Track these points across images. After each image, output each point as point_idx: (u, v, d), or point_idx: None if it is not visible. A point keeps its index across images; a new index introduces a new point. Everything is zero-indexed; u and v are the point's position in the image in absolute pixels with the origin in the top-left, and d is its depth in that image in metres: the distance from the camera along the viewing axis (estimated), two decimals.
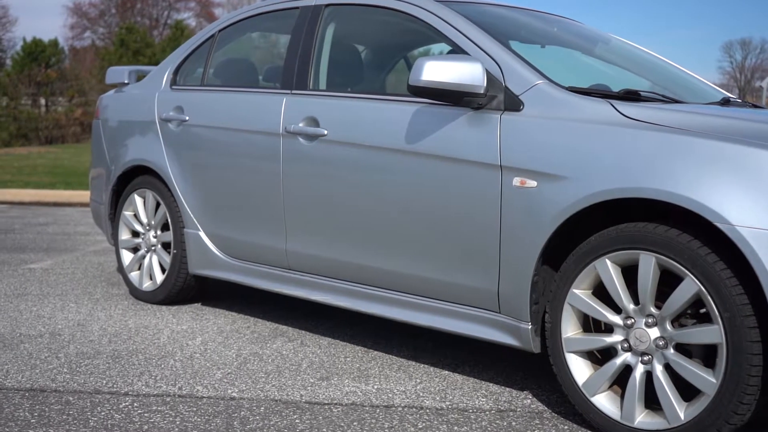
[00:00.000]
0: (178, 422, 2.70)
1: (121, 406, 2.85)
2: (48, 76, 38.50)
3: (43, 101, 38.29)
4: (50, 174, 13.77)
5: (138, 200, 4.45)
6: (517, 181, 2.82)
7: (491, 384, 3.18)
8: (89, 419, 2.71)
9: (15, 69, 38.22)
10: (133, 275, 4.51)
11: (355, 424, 2.72)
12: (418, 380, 3.20)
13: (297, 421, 2.74)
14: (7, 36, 45.36)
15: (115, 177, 4.55)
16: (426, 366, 3.40)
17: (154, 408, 2.84)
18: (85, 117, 39.32)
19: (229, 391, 3.03)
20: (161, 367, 3.30)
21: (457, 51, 3.17)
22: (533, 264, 2.78)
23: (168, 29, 51.75)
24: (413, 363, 3.43)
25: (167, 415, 2.76)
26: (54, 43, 40.23)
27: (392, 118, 3.22)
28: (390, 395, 3.02)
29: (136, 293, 4.48)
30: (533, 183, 2.77)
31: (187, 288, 4.30)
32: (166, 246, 4.37)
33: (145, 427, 2.66)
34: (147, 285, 4.41)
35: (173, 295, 4.30)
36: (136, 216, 4.50)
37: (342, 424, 2.71)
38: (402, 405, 2.92)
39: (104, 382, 3.11)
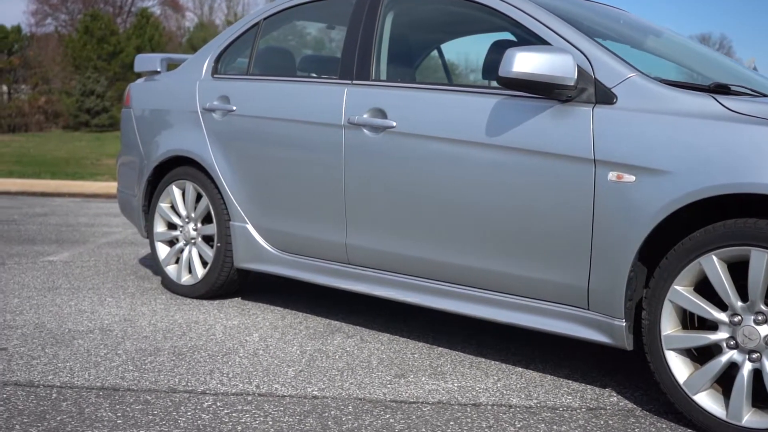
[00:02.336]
0: (270, 423, 2.62)
1: (204, 406, 2.75)
2: (11, 63, 37.69)
3: (5, 88, 37.50)
4: (18, 163, 13.47)
5: (176, 191, 4.33)
6: (612, 175, 2.77)
7: (570, 381, 3.14)
8: (177, 420, 2.62)
9: None
10: (170, 269, 4.39)
11: (451, 423, 2.66)
12: (496, 377, 3.15)
13: (391, 420, 2.67)
14: None
15: (151, 168, 4.42)
16: (497, 363, 3.34)
17: (240, 407, 2.74)
18: (48, 105, 38.64)
19: (309, 390, 2.95)
20: (229, 365, 3.20)
21: (536, 43, 3.10)
22: (630, 260, 2.73)
23: (132, 17, 50.98)
24: (483, 360, 3.38)
25: (256, 415, 2.68)
26: (17, 29, 39.36)
27: (469, 110, 3.16)
28: (474, 393, 2.96)
29: (174, 287, 4.36)
30: (631, 177, 2.73)
31: (230, 282, 4.20)
32: (206, 239, 4.25)
33: (239, 428, 2.57)
34: (186, 279, 4.30)
35: (215, 289, 4.19)
36: (173, 208, 4.38)
37: (438, 424, 2.65)
38: (490, 403, 2.86)
39: (177, 380, 3.00)
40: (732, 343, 2.58)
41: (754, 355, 2.53)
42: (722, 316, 2.59)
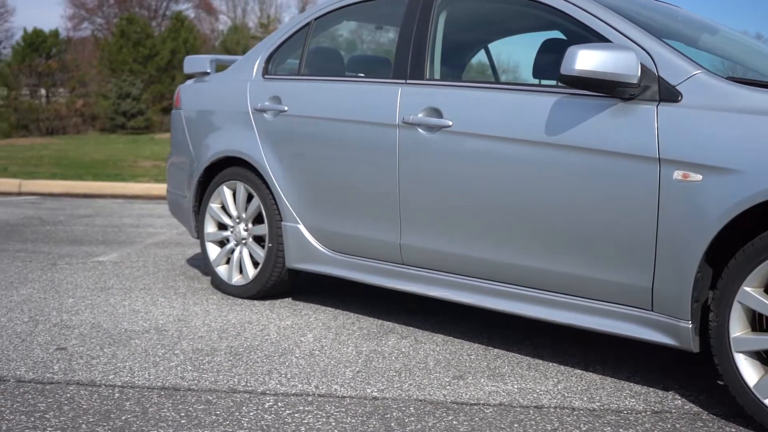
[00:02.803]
0: (333, 424, 2.60)
1: (266, 406, 2.75)
2: (49, 67, 38.16)
3: (43, 92, 37.98)
4: (57, 165, 13.55)
5: (227, 192, 4.34)
6: (678, 174, 2.73)
7: (631, 383, 3.09)
8: (240, 420, 2.62)
9: (15, 59, 37.87)
10: (221, 269, 4.40)
11: (515, 425, 2.63)
12: (556, 379, 3.11)
13: (455, 422, 2.65)
14: (5, 26, 45.00)
15: (201, 169, 4.43)
16: (554, 364, 3.30)
17: (301, 408, 2.74)
18: (85, 108, 39.07)
19: (369, 390, 2.93)
20: (286, 365, 3.20)
21: (593, 41, 3.06)
22: (697, 260, 2.68)
23: (167, 20, 51.46)
24: (540, 361, 3.34)
25: (319, 416, 2.67)
26: (55, 33, 39.88)
27: (527, 109, 3.13)
28: (535, 395, 2.93)
29: (225, 287, 4.37)
30: (698, 177, 2.68)
31: (281, 282, 4.20)
32: (257, 239, 4.26)
33: (302, 428, 2.56)
34: (237, 279, 4.31)
35: (266, 289, 4.20)
36: (224, 208, 4.40)
37: (502, 426, 2.62)
38: (552, 406, 2.83)
39: (236, 380, 3.01)
40: None
41: None
42: None
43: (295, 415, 2.68)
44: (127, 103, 38.37)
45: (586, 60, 2.79)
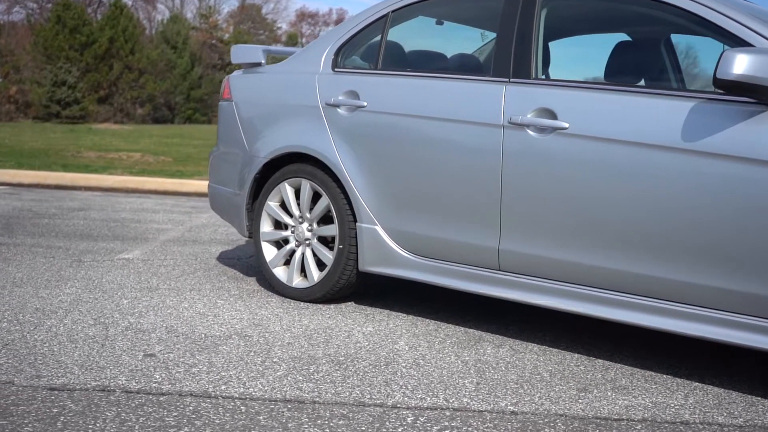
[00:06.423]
0: None
1: (409, 421, 2.58)
2: None
3: None
4: None
5: (289, 190, 4.13)
6: None
7: (759, 398, 3.01)
8: None
9: None
10: (279, 271, 4.18)
11: None
12: (681, 393, 3.01)
13: None
14: None
15: (260, 165, 4.21)
16: (668, 376, 3.20)
17: (447, 423, 2.58)
18: (19, 95, 37.73)
19: (502, 404, 2.79)
20: (399, 375, 3.03)
21: (732, 44, 2.98)
22: None
23: (102, 7, 50.12)
24: (652, 372, 3.24)
25: None
26: None
27: (658, 113, 3.02)
28: (673, 410, 2.82)
29: (283, 290, 4.15)
30: None
31: (348, 286, 4.01)
32: (321, 240, 4.06)
33: None
34: (298, 281, 4.10)
35: (333, 293, 4.01)
36: (283, 206, 4.18)
37: None
38: (697, 422, 2.73)
39: (358, 392, 2.82)
40: None
41: None
42: None
43: (446, 431, 2.51)
44: (62, 91, 37.27)
45: (743, 65, 2.70)
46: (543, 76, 3.45)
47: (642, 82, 3.68)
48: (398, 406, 2.72)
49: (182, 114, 40.67)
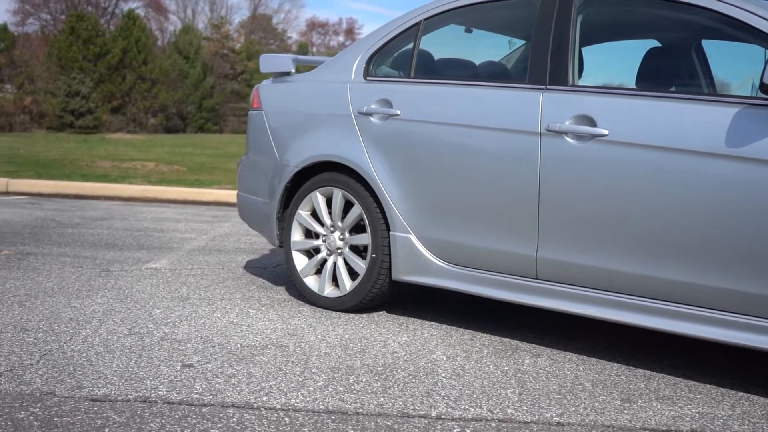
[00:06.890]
0: None
1: None
2: None
3: None
4: (11, 163, 12.96)
5: (320, 199, 4.10)
6: None
7: None
8: None
9: None
10: (310, 280, 4.16)
11: None
12: (727, 403, 2.97)
13: None
14: None
15: (291, 173, 4.19)
16: (710, 385, 3.16)
17: None
18: (33, 105, 37.89)
19: (547, 415, 2.75)
20: (440, 385, 3.00)
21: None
22: None
23: (115, 18, 50.43)
24: (694, 383, 3.19)
25: None
26: (2, 28, 38.60)
27: (704, 119, 2.98)
28: (721, 421, 2.78)
29: (315, 299, 4.12)
30: None
31: (381, 295, 3.98)
32: (353, 249, 4.04)
33: None
34: (329, 291, 4.07)
35: (365, 302, 3.98)
36: (314, 215, 4.16)
37: None
38: None
39: (401, 403, 2.79)
40: None
41: None
42: None
43: None
44: (76, 101, 37.45)
45: None
46: (583, 83, 3.42)
47: (679, 88, 3.65)
48: (443, 417, 2.68)
49: (194, 123, 40.80)
